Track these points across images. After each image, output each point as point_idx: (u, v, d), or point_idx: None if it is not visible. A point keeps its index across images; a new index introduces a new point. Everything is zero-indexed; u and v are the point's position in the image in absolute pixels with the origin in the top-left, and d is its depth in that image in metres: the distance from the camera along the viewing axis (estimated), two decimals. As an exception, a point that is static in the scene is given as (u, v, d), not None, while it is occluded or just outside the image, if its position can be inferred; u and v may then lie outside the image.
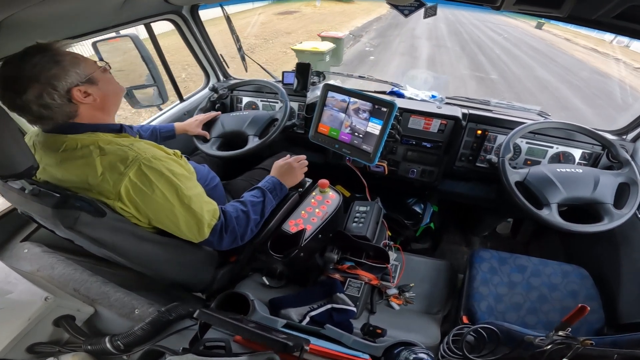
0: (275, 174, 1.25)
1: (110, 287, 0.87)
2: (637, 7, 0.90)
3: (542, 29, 17.73)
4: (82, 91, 0.86)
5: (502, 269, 1.33)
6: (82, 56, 0.89)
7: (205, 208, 0.96)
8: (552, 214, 1.23)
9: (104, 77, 0.93)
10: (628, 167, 1.31)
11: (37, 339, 0.72)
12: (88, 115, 0.89)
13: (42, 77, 0.79)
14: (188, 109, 1.98)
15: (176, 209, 0.90)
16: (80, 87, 0.85)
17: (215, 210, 0.99)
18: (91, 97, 0.88)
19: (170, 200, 0.89)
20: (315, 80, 1.93)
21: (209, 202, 0.99)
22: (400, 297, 1.25)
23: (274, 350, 0.61)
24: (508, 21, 20.43)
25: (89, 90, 0.87)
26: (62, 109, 0.84)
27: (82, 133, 0.88)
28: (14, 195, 0.85)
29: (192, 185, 0.97)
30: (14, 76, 0.78)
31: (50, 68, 0.80)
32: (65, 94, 0.83)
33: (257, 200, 1.11)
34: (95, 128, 0.90)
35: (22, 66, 0.78)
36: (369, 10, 19.25)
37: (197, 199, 0.95)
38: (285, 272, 1.27)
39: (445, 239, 2.17)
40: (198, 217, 0.93)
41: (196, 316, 0.67)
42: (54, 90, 0.81)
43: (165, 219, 0.91)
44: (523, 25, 19.43)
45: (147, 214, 0.90)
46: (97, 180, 0.83)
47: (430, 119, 1.62)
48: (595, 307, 1.20)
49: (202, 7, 1.84)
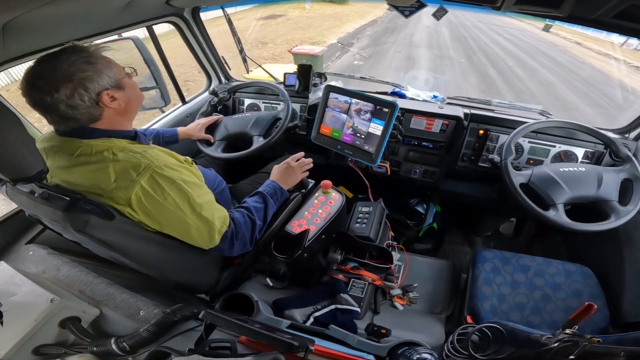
0: (275, 177, 1.26)
1: (115, 289, 0.87)
2: (636, 6, 0.90)
3: (550, 31, 16.72)
4: (110, 95, 0.87)
5: (505, 268, 1.33)
6: (114, 61, 0.90)
7: (217, 215, 0.97)
8: (559, 214, 1.23)
9: (130, 83, 0.94)
10: (630, 163, 1.30)
11: (43, 340, 0.72)
12: (109, 120, 0.90)
13: (75, 78, 0.80)
14: (190, 111, 1.98)
15: (187, 216, 0.91)
16: (109, 91, 0.86)
17: (225, 217, 1.00)
18: (117, 102, 0.89)
19: (182, 207, 0.90)
20: (317, 82, 1.93)
21: (219, 209, 1.00)
22: (404, 297, 1.25)
23: (279, 351, 0.61)
24: (512, 23, 19.16)
25: (115, 95, 0.88)
26: (88, 111, 0.85)
27: (98, 138, 0.88)
28: (23, 198, 0.86)
29: (203, 193, 0.98)
30: (48, 74, 0.79)
31: (86, 69, 0.81)
32: (95, 97, 0.84)
33: (259, 206, 1.13)
34: (110, 134, 0.90)
35: (57, 65, 0.79)
36: (364, 12, 17.81)
37: (208, 206, 0.96)
38: (288, 273, 1.27)
39: (448, 239, 2.17)
40: (209, 225, 0.94)
41: (201, 317, 0.68)
42: (85, 92, 0.82)
43: (177, 226, 0.92)
44: (529, 27, 18.23)
45: (158, 221, 0.90)
46: (110, 187, 0.83)
47: (432, 119, 1.62)
48: (600, 306, 1.20)
49: (204, 9, 1.84)
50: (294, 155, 1.34)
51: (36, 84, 0.79)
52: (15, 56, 1.01)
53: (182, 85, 2.01)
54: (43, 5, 0.78)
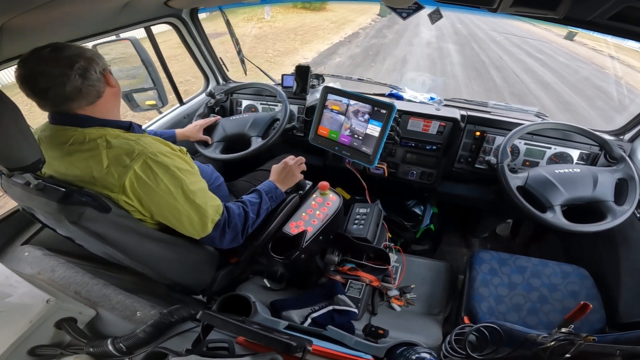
0: (273, 178, 1.27)
1: (111, 290, 0.87)
2: (632, 8, 0.91)
3: (574, 40, 12.87)
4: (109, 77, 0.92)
5: (502, 269, 1.34)
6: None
7: (210, 203, 0.97)
8: (557, 216, 1.23)
9: (112, 76, 0.97)
10: (623, 162, 1.32)
11: (39, 341, 0.71)
12: (104, 105, 0.92)
13: (86, 54, 0.86)
14: (188, 112, 1.98)
15: (180, 203, 0.91)
16: (107, 70, 0.91)
17: (219, 205, 1.01)
18: (114, 81, 0.94)
19: (175, 194, 0.90)
20: (315, 83, 1.93)
21: (212, 197, 1.00)
22: (401, 298, 1.25)
23: (276, 351, 0.61)
24: (531, 30, 14.58)
25: (111, 77, 0.93)
26: (98, 84, 0.88)
27: (92, 127, 0.88)
28: (18, 190, 0.86)
29: (196, 180, 0.98)
30: (59, 56, 0.82)
31: (85, 53, 0.86)
32: (101, 71, 0.89)
33: (254, 200, 1.14)
34: (104, 123, 0.91)
35: (63, 51, 0.82)
36: (342, 22, 13.18)
37: (201, 193, 0.96)
38: (286, 275, 1.27)
39: (445, 240, 2.17)
40: (202, 212, 0.95)
41: (199, 317, 0.67)
42: (97, 65, 0.87)
43: (168, 214, 0.92)
44: (551, 35, 13.97)
45: (150, 208, 0.90)
46: (102, 173, 0.84)
47: (429, 121, 1.62)
48: (596, 307, 1.20)
49: (202, 10, 1.85)
50: (291, 156, 1.35)
51: (49, 61, 0.80)
52: (13, 56, 1.01)
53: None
54: (40, 6, 0.78)
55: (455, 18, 15.37)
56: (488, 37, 12.63)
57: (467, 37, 12.27)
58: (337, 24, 12.87)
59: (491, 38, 12.55)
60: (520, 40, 12.60)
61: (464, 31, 13.28)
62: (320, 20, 13.59)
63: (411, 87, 1.91)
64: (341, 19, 13.86)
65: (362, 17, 14.26)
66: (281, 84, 1.93)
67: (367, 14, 14.65)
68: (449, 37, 11.75)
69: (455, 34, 12.52)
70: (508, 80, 7.67)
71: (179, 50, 2.06)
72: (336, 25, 12.67)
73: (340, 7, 15.75)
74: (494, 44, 11.52)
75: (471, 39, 12.07)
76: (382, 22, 13.57)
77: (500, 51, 10.52)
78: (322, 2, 14.74)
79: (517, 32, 14.09)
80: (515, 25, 15.19)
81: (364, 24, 13.20)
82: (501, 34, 13.31)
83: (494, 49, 10.81)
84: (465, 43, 11.16)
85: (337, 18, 13.98)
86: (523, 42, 12.27)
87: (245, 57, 2.09)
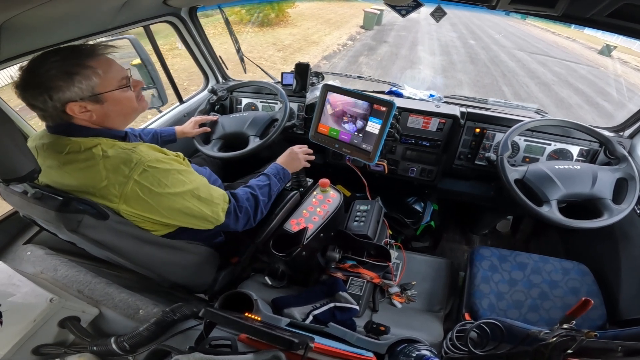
0: (280, 161, 1.32)
1: (114, 289, 0.87)
2: (630, 5, 0.91)
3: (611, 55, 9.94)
4: (82, 106, 0.84)
5: (503, 266, 1.34)
6: (105, 72, 0.86)
7: (215, 194, 0.99)
8: (552, 210, 1.24)
9: (116, 97, 0.89)
10: (625, 162, 1.31)
11: (43, 340, 0.72)
12: (85, 124, 0.88)
13: (43, 86, 0.80)
14: (188, 111, 1.98)
15: (188, 202, 0.92)
16: (81, 102, 0.83)
17: (224, 194, 1.03)
18: (88, 114, 0.86)
19: (181, 194, 0.90)
20: (315, 81, 1.93)
21: (215, 189, 1.02)
22: (402, 295, 1.25)
23: (279, 348, 0.61)
24: (558, 42, 11.55)
25: (88, 107, 0.85)
26: (56, 113, 0.84)
27: (86, 137, 0.87)
28: (16, 198, 0.85)
29: (197, 178, 0.99)
30: (31, 72, 0.81)
31: (57, 80, 0.80)
32: (60, 106, 0.82)
33: (263, 183, 1.16)
34: (98, 133, 0.90)
35: (39, 66, 0.80)
36: (309, 40, 8.92)
37: (205, 188, 0.98)
38: (287, 272, 1.27)
39: (446, 237, 2.18)
40: (210, 205, 0.96)
41: (202, 315, 0.68)
42: (50, 100, 0.81)
43: (179, 214, 0.92)
44: (584, 51, 10.84)
45: (160, 212, 0.89)
46: (101, 185, 0.83)
47: (429, 118, 1.62)
48: (597, 304, 1.21)
49: (201, 9, 1.84)
50: (298, 145, 1.40)
51: (23, 77, 0.81)
52: (12, 56, 1.01)
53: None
54: (39, 5, 0.77)
55: (465, 30, 11.61)
56: (521, 67, 7.75)
57: (488, 65, 7.89)
58: (307, 41, 8.51)
59: (509, 53, 7.97)
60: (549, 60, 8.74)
61: (483, 55, 8.43)
62: (284, 33, 9.27)
63: (411, 85, 1.90)
64: (309, 34, 9.39)
65: (336, 32, 9.95)
66: (281, 82, 1.93)
67: (343, 28, 10.85)
68: (462, 66, 7.60)
69: (471, 61, 8.01)
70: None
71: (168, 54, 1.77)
72: (287, 54, 7.85)
73: (310, 18, 11.78)
74: (515, 63, 7.65)
75: (495, 69, 7.58)
76: (364, 39, 9.64)
77: (526, 78, 6.99)
78: (284, 14, 11.33)
79: (536, 42, 10.27)
80: (540, 36, 11.16)
81: (333, 47, 8.47)
82: (520, 48, 9.13)
83: (520, 74, 6.89)
84: (489, 84, 6.63)
85: (292, 40, 8.91)
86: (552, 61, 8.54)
87: (244, 55, 2.08)
